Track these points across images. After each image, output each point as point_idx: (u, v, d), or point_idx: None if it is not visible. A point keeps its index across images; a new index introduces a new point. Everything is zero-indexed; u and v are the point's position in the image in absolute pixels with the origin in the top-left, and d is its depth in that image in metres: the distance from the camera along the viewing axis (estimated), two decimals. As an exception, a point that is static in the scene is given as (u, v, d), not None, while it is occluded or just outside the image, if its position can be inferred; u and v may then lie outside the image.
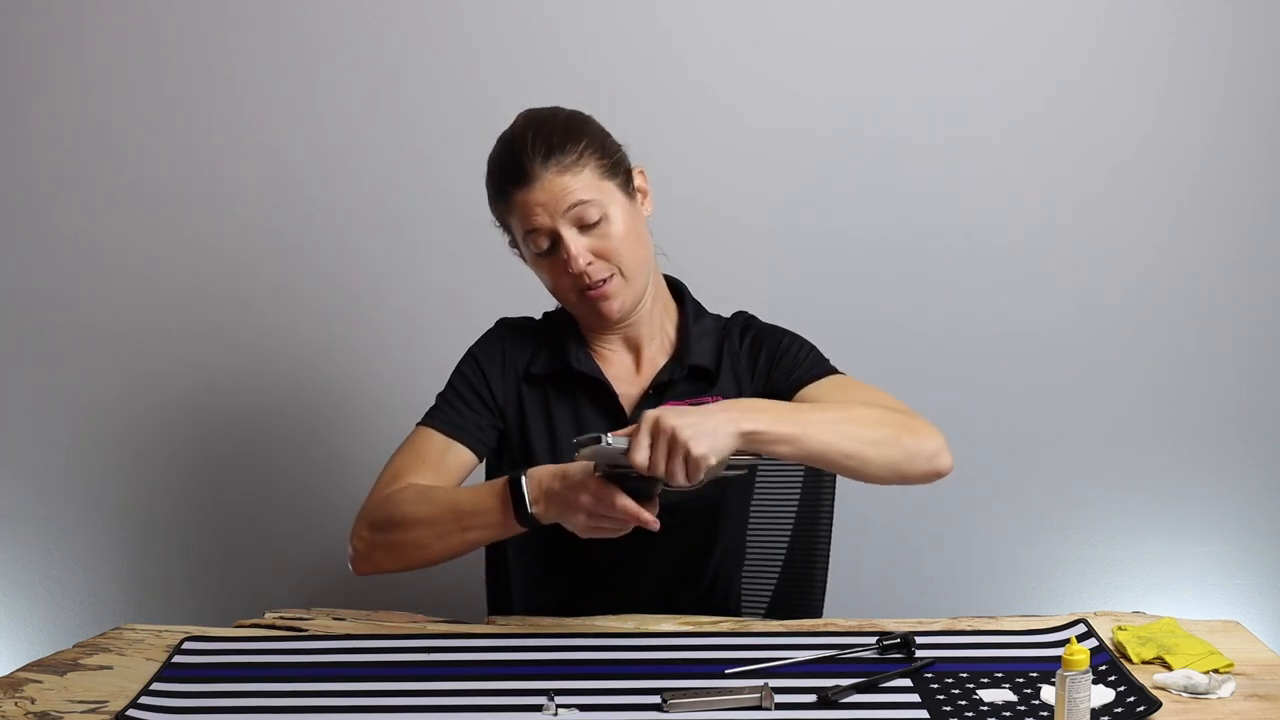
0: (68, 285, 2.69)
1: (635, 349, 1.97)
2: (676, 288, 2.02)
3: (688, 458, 1.60)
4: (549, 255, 1.86)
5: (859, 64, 2.62)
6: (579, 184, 1.84)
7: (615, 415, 1.94)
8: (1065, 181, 2.65)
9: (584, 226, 1.84)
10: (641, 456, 1.61)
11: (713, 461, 1.62)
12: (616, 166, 1.89)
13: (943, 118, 2.62)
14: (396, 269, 2.68)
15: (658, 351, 1.97)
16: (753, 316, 2.03)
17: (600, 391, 1.95)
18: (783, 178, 2.65)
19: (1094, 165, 2.64)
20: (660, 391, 1.94)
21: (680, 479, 1.61)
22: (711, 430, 1.62)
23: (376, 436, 2.67)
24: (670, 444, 1.61)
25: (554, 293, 1.92)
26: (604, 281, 1.86)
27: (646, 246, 1.91)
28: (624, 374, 1.97)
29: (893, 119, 2.63)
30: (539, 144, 1.85)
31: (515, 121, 1.91)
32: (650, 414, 1.62)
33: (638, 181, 1.92)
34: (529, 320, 2.04)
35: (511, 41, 2.61)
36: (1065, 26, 2.61)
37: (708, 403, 1.91)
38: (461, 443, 1.92)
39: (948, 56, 2.61)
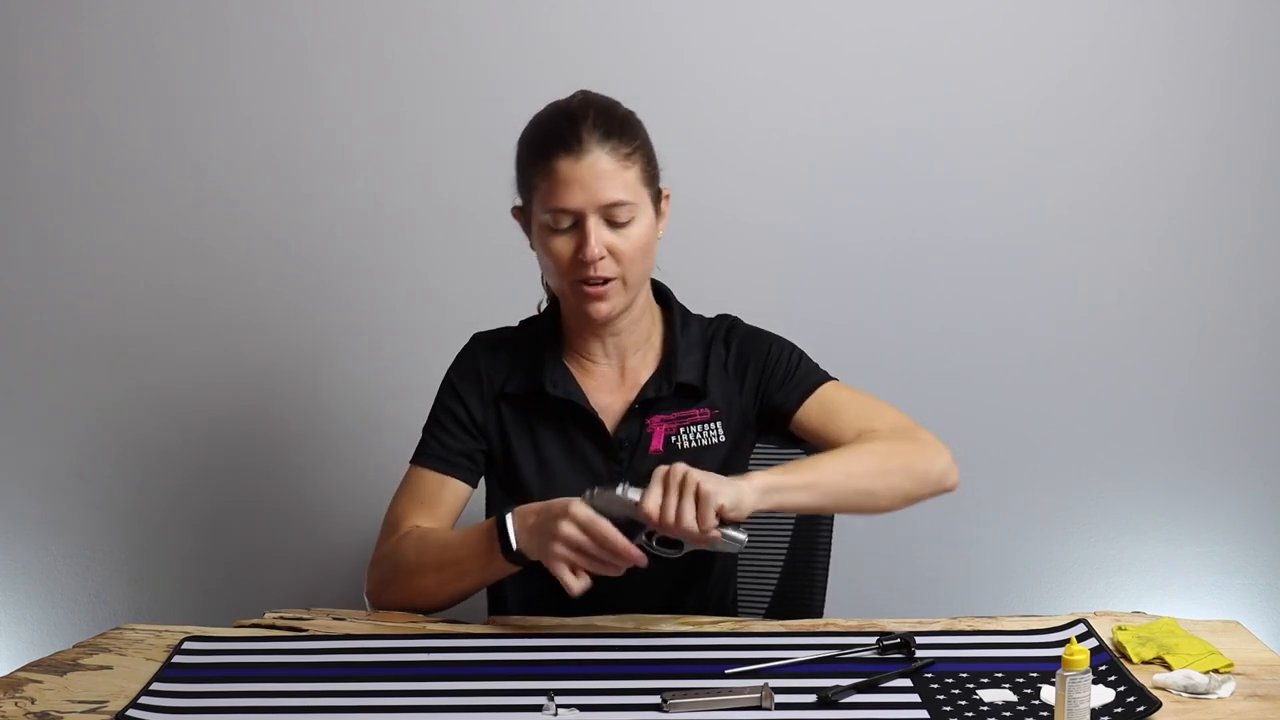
0: (68, 287, 2.69)
1: (620, 358, 1.95)
2: (661, 294, 1.99)
3: (698, 494, 1.64)
4: (564, 233, 1.82)
5: (858, 64, 2.62)
6: (623, 181, 1.80)
7: (600, 436, 1.92)
8: (1065, 182, 2.65)
9: (612, 223, 1.81)
10: (652, 503, 1.64)
11: (723, 503, 1.64)
12: (653, 180, 1.87)
13: (942, 118, 2.62)
14: (395, 273, 2.68)
15: (641, 362, 1.95)
16: (737, 320, 2.00)
17: (581, 414, 1.92)
18: (781, 178, 2.65)
19: (1093, 165, 2.64)
20: (646, 408, 1.92)
21: (688, 519, 1.63)
22: (730, 482, 1.67)
23: (375, 437, 2.68)
24: (682, 485, 1.64)
25: (550, 273, 1.88)
26: (605, 281, 1.83)
27: (650, 262, 1.88)
28: (606, 384, 1.94)
29: (893, 119, 2.63)
30: (599, 123, 1.81)
31: (573, 96, 1.86)
32: (664, 466, 1.66)
33: (664, 205, 1.90)
34: (505, 331, 2.00)
35: (511, 41, 2.61)
36: (1065, 28, 2.61)
37: (696, 416, 1.91)
38: (453, 476, 1.93)
39: (948, 57, 2.61)
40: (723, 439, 1.93)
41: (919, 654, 1.67)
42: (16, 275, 2.69)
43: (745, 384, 1.95)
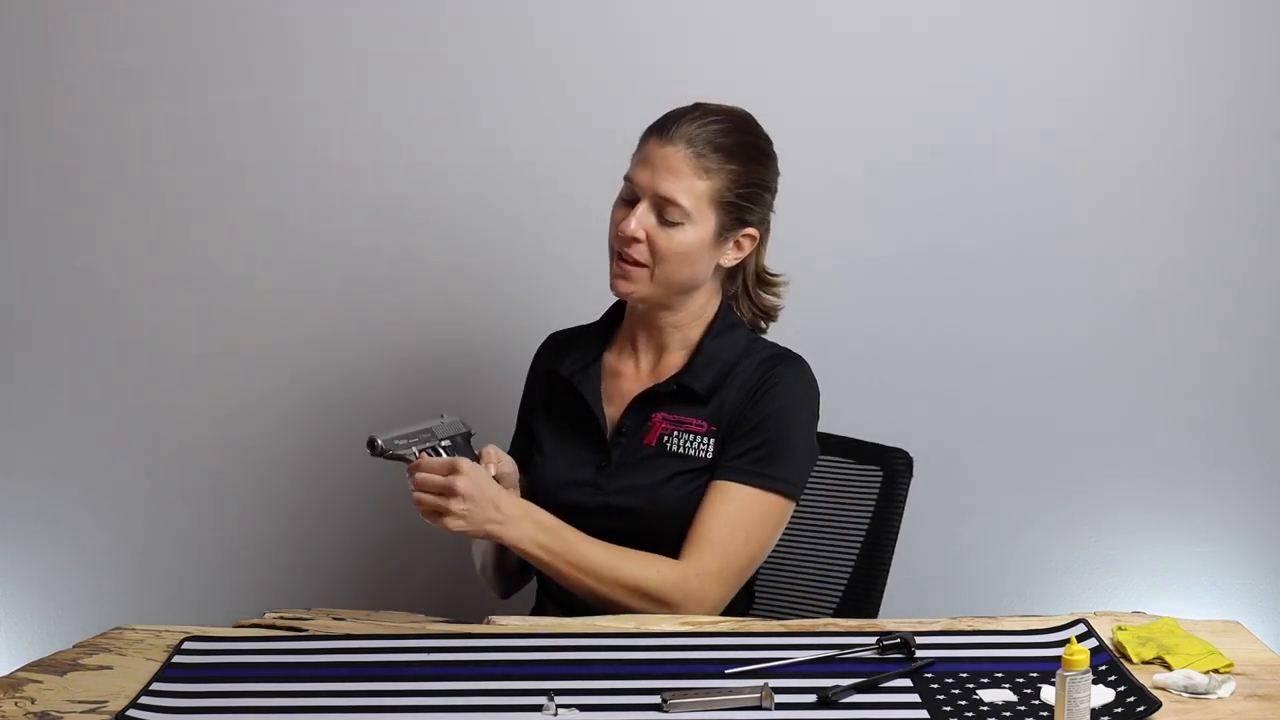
0: (68, 284, 2.69)
1: (658, 352, 2.03)
2: (723, 308, 2.03)
3: (441, 518, 1.81)
4: (626, 204, 1.94)
5: (871, 70, 2.61)
6: (688, 186, 1.90)
7: (594, 429, 2.01)
8: (1063, 184, 2.64)
9: (660, 216, 1.91)
10: (419, 483, 1.81)
11: (456, 528, 1.83)
12: (736, 209, 1.94)
13: (947, 119, 2.63)
14: (400, 270, 2.67)
15: (674, 361, 2.02)
16: (795, 361, 2.00)
17: (584, 402, 2.02)
18: (790, 182, 2.64)
19: (1098, 169, 2.64)
20: (653, 401, 1.99)
21: (426, 515, 1.83)
22: (478, 525, 1.83)
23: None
24: (446, 497, 1.80)
25: (610, 234, 1.97)
26: (633, 263, 1.92)
27: (690, 273, 1.95)
28: (638, 374, 2.03)
29: (899, 122, 2.63)
30: (698, 126, 1.91)
31: (704, 103, 1.96)
32: (464, 471, 1.80)
33: (742, 239, 1.97)
34: (579, 328, 2.13)
35: (517, 40, 2.61)
36: (1080, 38, 2.61)
37: (693, 425, 1.97)
38: (524, 472, 2.05)
39: (959, 65, 2.61)
40: (709, 457, 1.96)
41: (919, 654, 1.67)
42: (17, 271, 2.69)
43: (734, 406, 1.97)
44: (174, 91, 2.64)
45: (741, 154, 1.94)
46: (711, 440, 1.96)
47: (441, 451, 1.87)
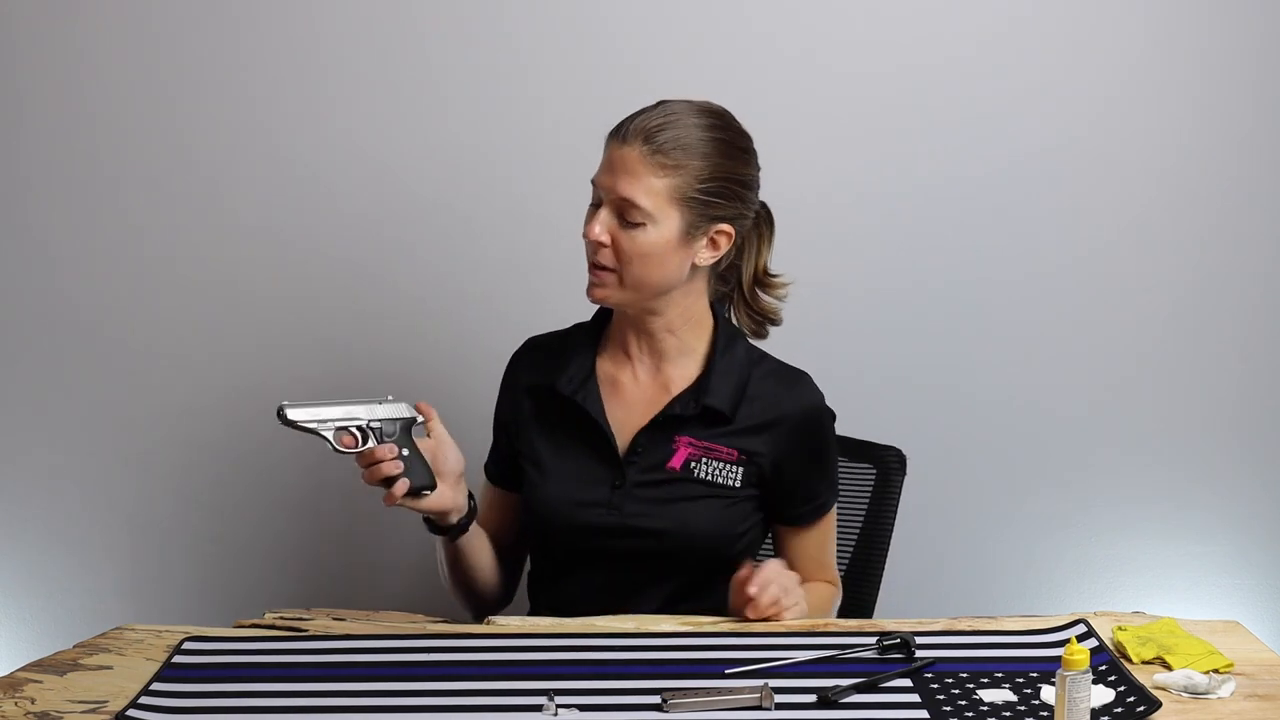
0: (68, 284, 2.69)
1: (655, 359, 1.98)
2: (717, 314, 2.01)
3: (771, 610, 1.82)
4: (593, 208, 1.91)
5: (890, 81, 2.61)
6: (646, 186, 1.85)
7: (603, 443, 1.96)
8: (1057, 185, 2.64)
9: (622, 218, 1.87)
10: (754, 592, 1.82)
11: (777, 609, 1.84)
12: (703, 205, 1.88)
13: (943, 117, 2.63)
14: (401, 267, 2.67)
15: (679, 373, 1.97)
16: (805, 378, 2.00)
17: (588, 418, 1.96)
18: (785, 178, 2.65)
19: (1095, 168, 2.64)
20: (676, 424, 1.94)
21: (746, 605, 1.82)
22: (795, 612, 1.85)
23: (376, 436, 2.67)
24: (777, 598, 1.81)
25: (585, 242, 1.95)
26: (601, 268, 1.89)
27: (661, 274, 1.89)
28: (638, 385, 1.98)
29: (898, 121, 2.63)
30: (655, 124, 1.86)
31: (668, 100, 1.92)
32: (787, 584, 1.83)
33: (716, 236, 1.91)
34: (555, 334, 2.06)
35: (492, 44, 2.60)
36: (1098, 59, 2.61)
37: (723, 453, 1.94)
38: (501, 487, 2.05)
39: (977, 68, 2.61)
40: (737, 486, 1.94)
41: (919, 654, 1.67)
42: (18, 271, 2.69)
43: (777, 447, 1.95)
44: (164, 91, 2.64)
45: (704, 149, 1.87)
46: (740, 470, 1.94)
47: (369, 433, 1.84)
